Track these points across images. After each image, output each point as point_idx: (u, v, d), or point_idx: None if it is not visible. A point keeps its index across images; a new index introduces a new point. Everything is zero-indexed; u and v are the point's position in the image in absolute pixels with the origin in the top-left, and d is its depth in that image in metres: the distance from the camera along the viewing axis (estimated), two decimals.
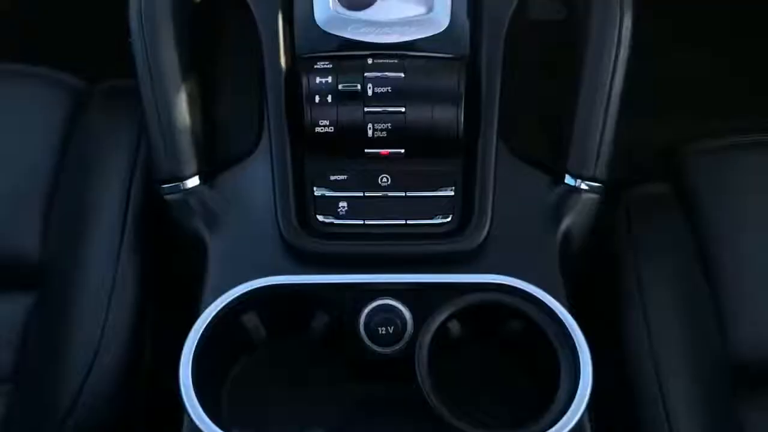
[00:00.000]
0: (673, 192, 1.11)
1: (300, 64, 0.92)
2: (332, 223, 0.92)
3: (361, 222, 0.92)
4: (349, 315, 0.89)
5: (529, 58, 1.00)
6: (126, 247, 1.03)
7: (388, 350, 0.89)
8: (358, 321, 0.89)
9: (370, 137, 0.90)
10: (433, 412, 0.83)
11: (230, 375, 0.92)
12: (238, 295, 0.89)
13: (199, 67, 0.96)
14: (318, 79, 0.90)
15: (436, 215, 0.93)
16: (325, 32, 0.93)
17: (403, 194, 0.93)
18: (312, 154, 0.93)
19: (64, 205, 1.05)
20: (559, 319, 0.87)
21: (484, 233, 0.91)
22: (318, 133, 0.90)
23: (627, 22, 0.93)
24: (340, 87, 0.90)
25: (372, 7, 0.93)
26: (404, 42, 0.93)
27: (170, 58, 0.93)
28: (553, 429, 0.83)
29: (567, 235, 0.94)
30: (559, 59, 0.98)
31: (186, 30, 0.95)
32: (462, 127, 0.91)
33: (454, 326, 0.89)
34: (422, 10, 0.93)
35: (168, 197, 0.95)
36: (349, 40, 0.93)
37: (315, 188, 0.93)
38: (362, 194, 0.93)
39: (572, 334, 0.87)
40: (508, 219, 0.92)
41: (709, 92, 1.54)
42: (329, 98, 0.90)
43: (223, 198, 0.94)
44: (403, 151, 0.92)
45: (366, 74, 0.90)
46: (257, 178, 0.93)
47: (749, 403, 1.01)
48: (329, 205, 0.93)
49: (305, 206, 0.93)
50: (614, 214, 1.10)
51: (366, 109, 0.90)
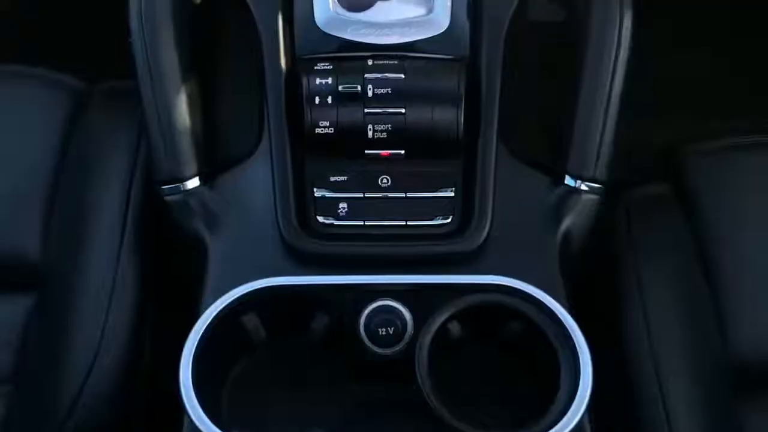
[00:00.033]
0: (673, 193, 1.11)
1: (300, 65, 0.92)
2: (332, 224, 0.92)
3: (362, 223, 0.92)
4: (349, 316, 0.89)
5: (528, 59, 1.00)
6: (126, 248, 1.03)
7: (388, 351, 0.89)
8: (358, 322, 0.89)
9: (370, 138, 0.90)
10: (433, 413, 0.83)
11: (230, 376, 0.92)
12: (238, 296, 0.88)
13: (199, 68, 0.96)
14: (318, 81, 0.90)
15: (436, 216, 0.93)
16: (325, 33, 0.93)
17: (403, 195, 0.93)
18: (312, 155, 0.93)
19: (64, 206, 1.05)
20: (559, 319, 0.87)
21: (484, 234, 0.91)
22: (318, 134, 0.90)
23: (627, 22, 0.93)
24: (340, 88, 0.90)
25: (372, 8, 0.93)
26: (404, 43, 0.93)
27: (170, 58, 0.93)
28: (553, 430, 0.83)
29: (567, 235, 0.94)
30: (559, 60, 0.98)
31: (186, 31, 0.94)
32: (462, 128, 0.91)
33: (455, 327, 0.89)
34: (422, 11, 0.93)
35: (168, 198, 0.94)
36: (349, 42, 0.93)
37: (315, 189, 0.93)
38: (362, 195, 0.93)
39: (572, 335, 0.87)
40: (508, 220, 0.92)
41: (709, 93, 1.54)
42: (329, 99, 0.90)
43: (223, 199, 0.94)
44: (403, 152, 0.92)
45: (366, 75, 0.90)
46: (257, 179, 0.93)
47: (749, 404, 1.01)
48: (329, 206, 0.92)
49: (305, 207, 0.92)
50: (614, 215, 1.09)
51: (366, 110, 0.90)
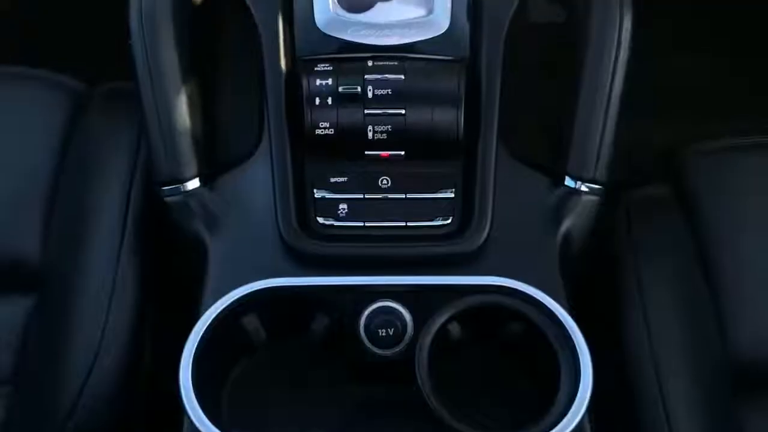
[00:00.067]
0: (673, 194, 1.11)
1: (300, 66, 0.92)
2: (332, 225, 0.92)
3: (362, 224, 0.92)
4: (349, 317, 0.89)
5: (528, 60, 1.00)
6: (126, 249, 1.03)
7: (388, 352, 0.89)
8: (358, 323, 0.89)
9: (370, 139, 0.90)
10: (433, 414, 0.83)
11: (230, 377, 0.92)
12: (238, 297, 0.88)
13: (199, 69, 0.96)
14: (318, 81, 0.90)
15: (437, 217, 0.93)
16: (325, 34, 0.93)
17: (403, 196, 0.93)
18: (312, 156, 0.93)
19: (64, 208, 1.05)
20: (560, 321, 0.87)
21: (484, 235, 0.91)
22: (318, 135, 0.90)
23: (627, 23, 0.93)
24: (340, 89, 0.90)
25: (372, 9, 0.93)
26: (404, 44, 0.93)
27: (170, 59, 0.93)
28: (553, 431, 0.83)
29: (567, 237, 0.94)
30: (559, 61, 0.98)
31: (186, 32, 0.94)
32: (462, 130, 0.91)
33: (455, 328, 0.89)
34: (422, 12, 0.93)
35: (168, 199, 0.94)
36: (349, 43, 0.93)
37: (315, 190, 0.93)
38: (362, 196, 0.93)
39: (572, 336, 0.87)
40: (508, 221, 0.92)
41: (709, 94, 1.54)
42: (329, 100, 0.90)
43: (223, 200, 0.94)
44: (403, 153, 0.92)
45: (366, 76, 0.90)
46: (257, 180, 0.93)
47: (749, 405, 1.01)
48: (329, 207, 0.92)
49: (305, 208, 0.92)
50: (614, 216, 1.09)
51: (366, 111, 0.90)
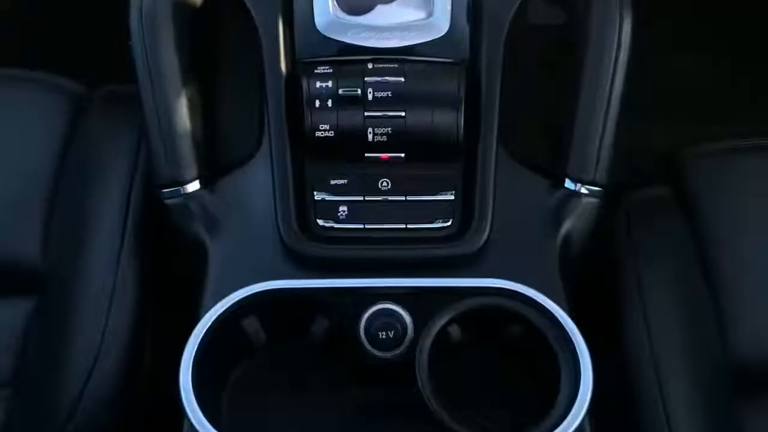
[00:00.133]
0: (673, 195, 1.11)
1: (300, 68, 0.92)
2: (332, 228, 0.92)
3: (362, 226, 0.92)
4: (349, 319, 0.89)
5: (528, 62, 1.00)
6: (126, 251, 1.03)
7: (388, 354, 0.89)
8: (358, 325, 0.89)
9: (370, 141, 0.90)
10: (433, 417, 0.83)
11: (230, 379, 0.92)
12: (238, 299, 0.88)
13: (200, 72, 0.96)
14: (318, 84, 0.90)
15: (437, 219, 0.93)
16: (325, 37, 0.93)
17: (404, 198, 0.93)
18: (312, 158, 0.93)
19: (64, 210, 1.05)
20: (560, 323, 0.87)
21: (484, 237, 0.91)
22: (318, 137, 0.90)
23: (627, 24, 0.93)
24: (340, 91, 0.90)
25: (372, 11, 0.93)
26: (404, 47, 0.93)
27: (171, 62, 0.93)
28: None
29: (567, 239, 0.94)
30: (559, 63, 0.98)
31: (186, 34, 0.94)
32: (462, 132, 0.91)
33: (455, 330, 0.89)
34: (422, 14, 0.93)
35: (168, 202, 0.94)
36: (349, 45, 0.93)
37: (315, 192, 0.93)
38: (362, 198, 0.93)
39: (572, 338, 0.86)
40: (508, 223, 0.92)
41: (710, 95, 1.54)
42: (329, 103, 0.90)
43: (223, 202, 0.94)
44: (403, 155, 0.92)
45: (366, 79, 0.90)
46: (258, 182, 0.93)
47: (749, 406, 1.01)
48: (329, 210, 0.92)
49: (305, 210, 0.92)
50: (614, 218, 1.09)
51: (366, 114, 0.90)
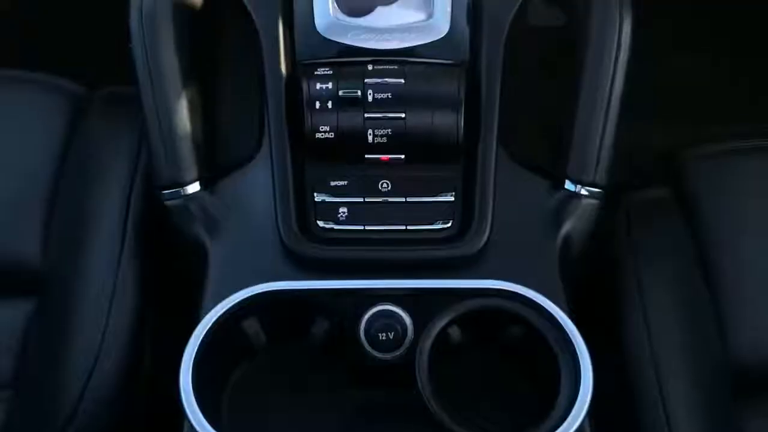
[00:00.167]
0: (673, 196, 1.11)
1: (300, 70, 0.92)
2: (332, 229, 0.92)
3: (362, 227, 0.92)
4: (349, 321, 0.89)
5: (528, 64, 1.00)
6: (126, 253, 1.03)
7: (388, 356, 0.89)
8: (358, 327, 0.89)
9: (370, 143, 0.90)
10: (433, 418, 0.83)
11: (230, 381, 0.92)
12: (238, 300, 0.88)
13: (200, 73, 0.96)
14: (318, 85, 0.90)
15: (437, 221, 0.93)
16: (325, 38, 0.93)
17: (404, 200, 0.93)
18: (312, 159, 0.93)
19: (64, 211, 1.05)
20: (560, 324, 0.87)
21: (484, 239, 0.91)
22: (318, 138, 0.90)
23: (627, 25, 0.93)
24: (340, 93, 0.90)
25: (372, 13, 0.93)
26: (404, 48, 0.93)
27: (171, 63, 0.93)
28: None
29: (567, 240, 0.94)
30: (559, 64, 0.98)
31: (187, 36, 0.94)
32: (462, 133, 0.91)
33: (455, 332, 0.89)
34: (422, 16, 0.93)
35: (168, 203, 0.94)
36: (349, 47, 0.93)
37: (315, 194, 0.93)
38: (362, 200, 0.93)
39: (572, 340, 0.86)
40: (508, 224, 0.92)
41: (710, 95, 1.54)
42: (329, 104, 0.90)
43: (223, 204, 0.94)
44: (403, 156, 0.92)
45: (366, 80, 0.90)
46: (258, 183, 0.93)
47: (749, 408, 1.01)
48: (329, 211, 0.92)
49: (305, 212, 0.93)
50: (614, 219, 1.09)
51: (366, 115, 0.90)
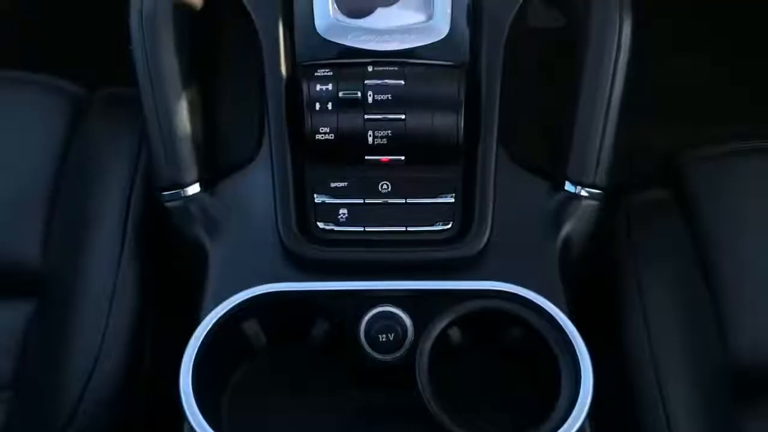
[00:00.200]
0: (673, 198, 1.11)
1: (300, 71, 0.92)
2: (333, 230, 0.92)
3: (362, 229, 0.92)
4: (349, 322, 0.89)
5: (528, 65, 1.00)
6: (126, 254, 1.03)
7: (388, 357, 0.89)
8: (358, 328, 0.89)
9: (370, 144, 0.90)
10: (433, 420, 0.83)
11: (230, 382, 0.92)
12: (238, 302, 0.88)
13: (200, 74, 0.96)
14: (318, 87, 0.90)
15: (437, 222, 0.93)
16: (325, 40, 0.93)
17: (404, 201, 0.93)
18: (312, 161, 0.93)
19: (64, 213, 1.05)
20: (560, 325, 0.87)
21: (485, 240, 0.91)
22: (318, 140, 0.90)
23: (626, 26, 0.93)
24: (340, 94, 0.90)
25: (372, 14, 0.93)
26: (404, 49, 0.93)
27: (171, 64, 0.93)
28: None
29: (567, 241, 0.94)
30: (559, 65, 0.98)
31: (187, 37, 0.95)
32: (462, 134, 0.91)
33: (455, 333, 0.89)
34: (422, 17, 0.93)
35: (168, 204, 0.94)
36: (349, 48, 0.93)
37: (315, 195, 0.93)
38: (362, 201, 0.93)
39: (573, 341, 0.86)
40: (508, 226, 0.92)
41: (710, 96, 1.54)
42: (330, 105, 0.90)
43: (223, 205, 0.94)
44: (403, 158, 0.92)
45: (366, 82, 0.90)
46: (258, 185, 0.93)
47: (749, 409, 1.01)
48: (330, 212, 0.92)
49: (306, 213, 0.93)
50: (614, 220, 1.09)
51: (366, 117, 0.90)
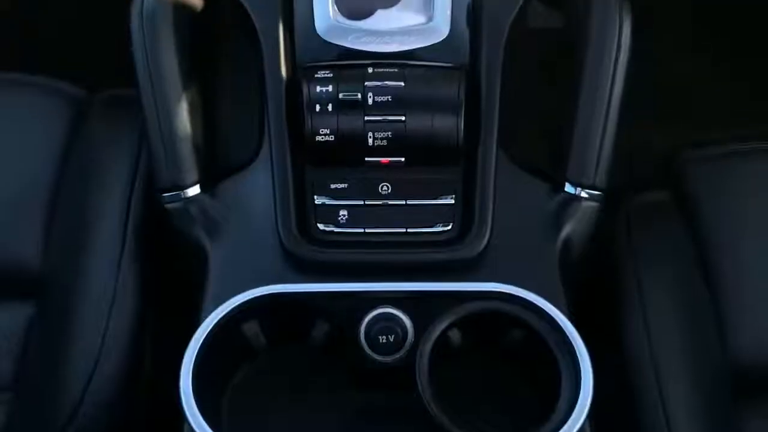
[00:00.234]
0: (673, 199, 1.11)
1: (300, 73, 0.92)
2: (333, 232, 0.92)
3: (362, 230, 0.92)
4: (349, 323, 0.89)
5: (528, 66, 1.00)
6: (127, 255, 1.03)
7: (388, 359, 0.89)
8: (358, 329, 0.89)
9: (370, 146, 0.90)
10: (433, 421, 0.83)
11: (231, 383, 0.92)
12: (238, 303, 0.88)
13: (200, 76, 0.96)
14: (318, 88, 0.90)
15: (437, 224, 0.93)
16: (325, 41, 0.93)
17: (404, 203, 0.93)
18: (312, 162, 0.93)
19: (64, 214, 1.05)
20: (560, 327, 0.87)
21: (485, 241, 0.91)
22: (318, 141, 0.90)
23: (626, 27, 0.94)
24: (340, 96, 0.90)
25: (372, 16, 0.93)
26: (404, 51, 0.93)
27: (171, 66, 0.93)
28: None
29: (567, 243, 0.94)
30: (559, 66, 0.98)
31: (187, 39, 0.95)
32: (462, 136, 0.91)
33: (455, 335, 0.89)
34: (422, 19, 0.93)
35: (169, 206, 0.94)
36: (349, 50, 0.93)
37: (315, 197, 0.93)
38: (362, 203, 0.93)
39: (573, 342, 0.86)
40: (508, 227, 0.92)
41: (710, 96, 1.54)
42: (330, 107, 0.90)
43: (223, 206, 0.94)
44: (403, 159, 0.92)
45: (366, 83, 0.90)
46: (258, 186, 0.93)
47: (749, 410, 1.01)
48: (330, 214, 0.92)
49: (306, 215, 0.92)
50: (614, 221, 1.10)
51: (366, 118, 0.90)
